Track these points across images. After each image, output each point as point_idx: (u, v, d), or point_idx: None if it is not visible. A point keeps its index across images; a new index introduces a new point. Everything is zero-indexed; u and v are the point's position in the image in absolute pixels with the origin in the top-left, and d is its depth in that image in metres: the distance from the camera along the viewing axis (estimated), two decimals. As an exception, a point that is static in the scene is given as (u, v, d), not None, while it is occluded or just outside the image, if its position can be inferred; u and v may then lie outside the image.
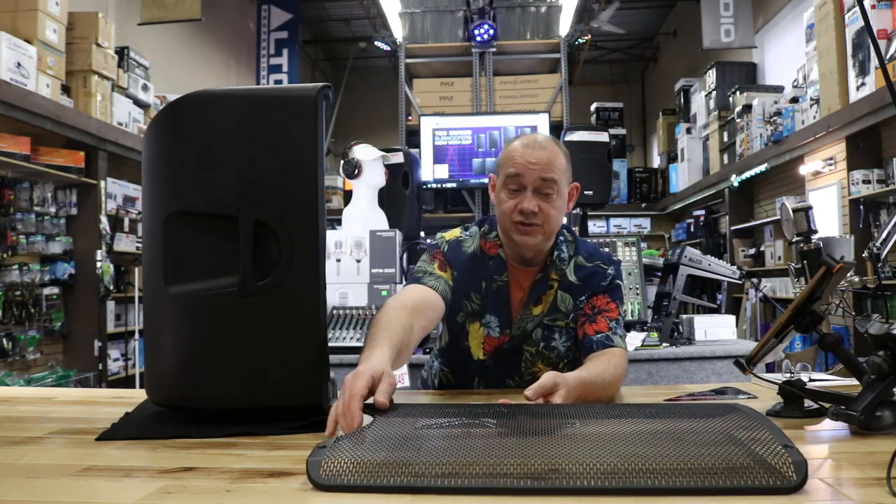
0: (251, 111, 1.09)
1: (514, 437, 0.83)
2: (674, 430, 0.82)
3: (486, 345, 1.56)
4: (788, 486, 0.68)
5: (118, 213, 5.12)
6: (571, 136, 3.99)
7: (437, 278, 1.50)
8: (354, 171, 2.97)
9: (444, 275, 1.52)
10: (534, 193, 1.45)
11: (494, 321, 1.54)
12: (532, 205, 1.43)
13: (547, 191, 1.45)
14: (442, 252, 1.57)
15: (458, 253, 1.57)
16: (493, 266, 1.55)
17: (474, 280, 1.55)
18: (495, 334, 1.55)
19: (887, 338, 0.95)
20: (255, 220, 1.04)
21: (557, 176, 1.44)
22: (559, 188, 1.46)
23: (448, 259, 1.55)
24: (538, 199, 1.44)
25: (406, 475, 0.72)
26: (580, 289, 1.54)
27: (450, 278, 1.53)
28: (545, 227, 1.46)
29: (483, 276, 1.55)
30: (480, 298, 1.55)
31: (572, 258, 1.56)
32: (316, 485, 0.74)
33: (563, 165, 1.47)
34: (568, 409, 1.02)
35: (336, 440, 0.81)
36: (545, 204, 1.45)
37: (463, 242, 1.59)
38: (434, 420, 0.92)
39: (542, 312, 1.54)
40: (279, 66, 8.89)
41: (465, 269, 1.55)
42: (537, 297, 1.54)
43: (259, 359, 1.05)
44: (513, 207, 1.46)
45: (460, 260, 1.56)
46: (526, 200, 1.44)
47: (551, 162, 1.44)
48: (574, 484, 0.70)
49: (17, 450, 0.97)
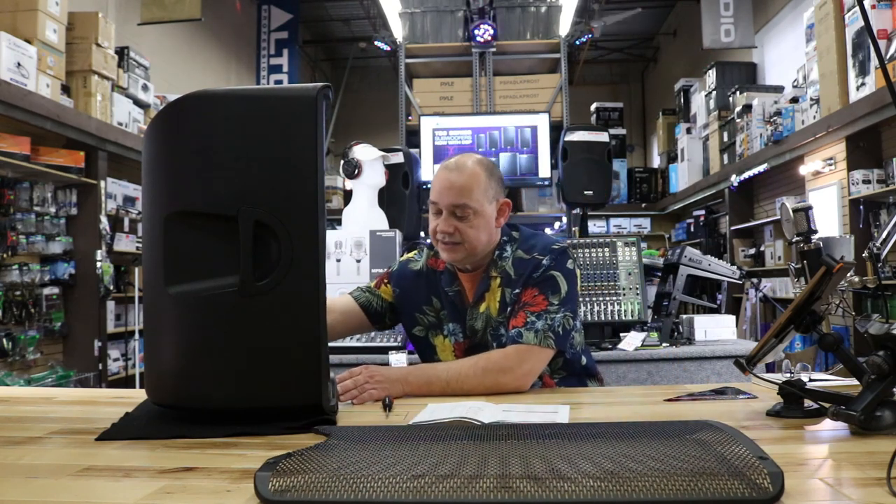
0: (251, 111, 1.09)
1: (471, 452, 0.81)
2: (647, 446, 0.81)
3: (456, 352, 1.64)
4: (765, 497, 0.68)
5: (118, 213, 5.12)
6: (571, 136, 3.99)
7: (364, 291, 1.73)
8: (354, 171, 2.97)
9: (380, 290, 1.73)
10: (450, 216, 1.55)
11: (457, 328, 1.64)
12: (447, 227, 1.55)
13: (461, 214, 1.54)
14: (389, 272, 1.77)
15: (405, 272, 1.74)
16: (445, 279, 1.67)
17: (422, 295, 1.69)
18: (460, 340, 1.64)
19: (887, 338, 0.95)
20: (255, 220, 1.04)
21: (471, 200, 1.54)
22: (476, 210, 1.54)
23: (392, 277, 1.74)
24: (454, 221, 1.55)
25: (358, 490, 0.70)
26: (515, 282, 1.58)
27: (388, 294, 1.72)
28: (466, 246, 1.56)
29: (433, 290, 1.68)
30: (436, 311, 1.67)
31: (514, 253, 1.61)
32: (263, 500, 0.71)
33: (482, 188, 1.56)
34: (541, 428, 0.98)
35: (287, 455, 0.80)
36: (462, 225, 1.55)
37: (410, 262, 1.75)
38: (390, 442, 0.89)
39: (488, 310, 1.60)
40: (279, 66, 8.90)
41: (411, 285, 1.71)
42: (480, 295, 1.61)
43: (259, 359, 1.05)
44: (434, 228, 1.58)
45: (405, 278, 1.73)
46: (442, 223, 1.55)
47: (465, 186, 1.54)
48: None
49: (17, 450, 0.97)
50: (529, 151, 4.85)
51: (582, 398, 1.41)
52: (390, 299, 1.73)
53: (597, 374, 1.76)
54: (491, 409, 1.15)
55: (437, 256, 1.68)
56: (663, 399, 1.29)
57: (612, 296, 2.82)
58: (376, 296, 1.73)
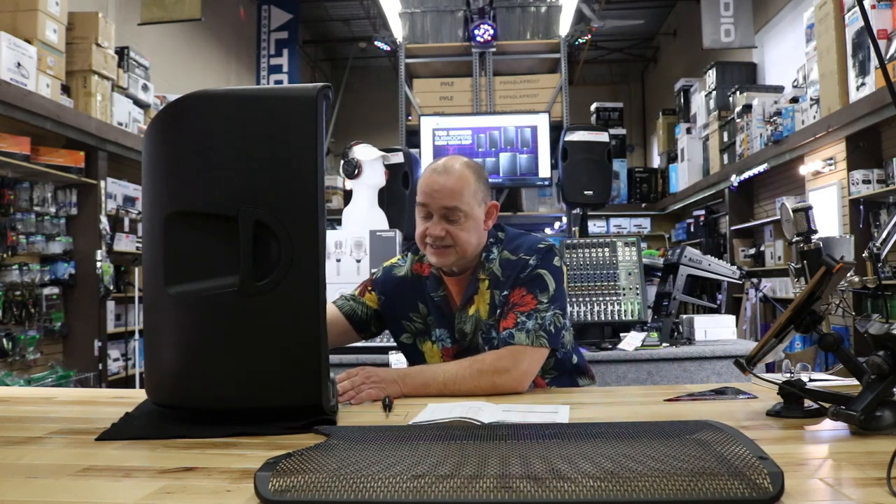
0: (251, 111, 1.09)
1: (471, 452, 0.81)
2: (647, 446, 0.81)
3: (444, 358, 1.62)
4: (765, 497, 0.68)
5: (118, 213, 5.12)
6: (571, 136, 4.00)
7: (347, 299, 1.69)
8: (354, 171, 2.97)
9: (364, 298, 1.69)
10: (440, 219, 1.53)
11: (445, 333, 1.62)
12: (438, 230, 1.52)
13: (452, 217, 1.52)
14: (373, 279, 1.73)
15: (389, 277, 1.70)
16: (430, 284, 1.64)
17: (408, 301, 1.65)
18: (448, 345, 1.62)
19: (887, 338, 0.95)
20: (256, 220, 1.04)
21: (462, 203, 1.52)
22: (466, 212, 1.52)
23: (376, 284, 1.70)
24: (445, 224, 1.52)
25: (358, 490, 0.70)
26: (503, 283, 1.57)
27: (372, 302, 1.68)
28: (457, 249, 1.53)
29: (419, 296, 1.65)
30: (422, 317, 1.64)
31: (500, 255, 1.60)
32: (263, 500, 0.71)
33: (471, 190, 1.54)
34: (541, 428, 0.98)
35: (287, 455, 0.80)
36: (452, 228, 1.52)
37: (395, 268, 1.71)
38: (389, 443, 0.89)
39: (478, 312, 1.58)
40: (279, 66, 8.90)
41: (395, 292, 1.67)
42: (469, 298, 1.60)
43: (258, 359, 1.05)
44: (423, 232, 1.55)
45: (389, 284, 1.68)
46: (432, 226, 1.53)
47: (455, 189, 1.52)
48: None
49: (17, 450, 0.97)
50: (529, 151, 4.85)
51: (582, 398, 1.41)
52: (375, 306, 1.68)
53: (588, 370, 1.74)
54: (491, 410, 1.15)
55: (422, 261, 1.66)
56: (663, 399, 1.29)
57: (612, 296, 2.82)
58: (360, 303, 1.68)
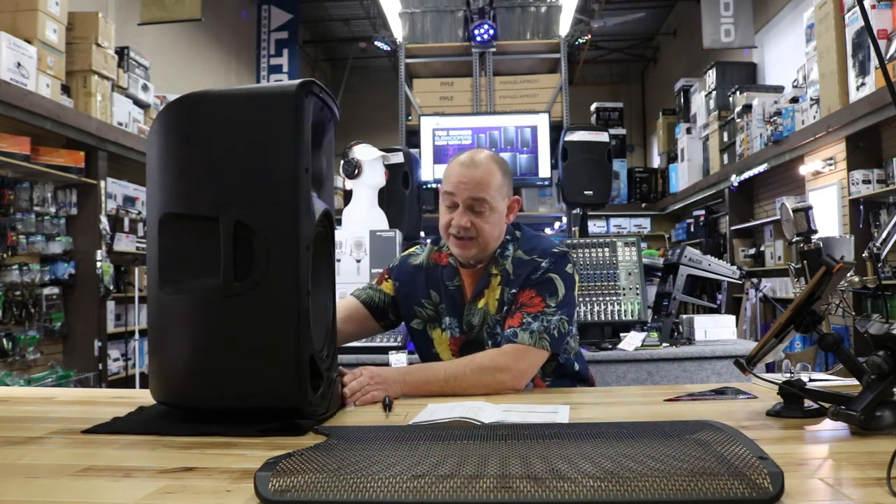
0: (234, 111, 1.09)
1: (471, 452, 0.81)
2: (647, 446, 0.81)
3: (451, 346, 1.65)
4: (765, 497, 0.68)
5: (118, 213, 5.12)
6: (571, 136, 3.99)
7: (366, 289, 1.74)
8: (354, 171, 2.97)
9: (381, 286, 1.73)
10: (466, 210, 1.54)
11: (454, 322, 1.65)
12: (464, 221, 1.54)
13: (478, 209, 1.54)
14: (390, 268, 1.77)
15: (405, 265, 1.74)
16: (446, 273, 1.66)
17: (421, 289, 1.69)
18: (456, 335, 1.65)
19: (887, 338, 0.95)
20: (237, 221, 1.04)
21: (489, 195, 1.54)
22: (491, 205, 1.54)
23: (392, 272, 1.75)
24: (470, 216, 1.54)
25: (358, 490, 0.70)
26: (513, 281, 1.58)
27: (389, 289, 1.73)
28: (479, 241, 1.56)
29: (432, 284, 1.68)
30: (434, 305, 1.67)
31: (514, 253, 1.61)
32: (263, 500, 0.71)
33: (497, 183, 1.55)
34: (541, 428, 0.98)
35: (287, 455, 0.80)
36: (478, 220, 1.54)
37: (412, 256, 1.76)
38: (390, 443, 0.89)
39: (487, 306, 1.60)
40: (279, 66, 8.89)
41: (410, 279, 1.71)
42: (479, 291, 1.62)
43: (239, 359, 1.05)
44: (448, 222, 1.57)
45: (405, 271, 1.73)
46: (458, 216, 1.54)
47: (483, 181, 1.53)
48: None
49: (17, 450, 0.97)
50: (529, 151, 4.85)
51: (582, 398, 1.41)
52: (392, 293, 1.73)
53: (589, 378, 1.76)
54: (491, 409, 1.15)
55: (441, 251, 1.69)
56: (663, 399, 1.29)
57: (612, 296, 2.82)
58: (378, 291, 1.73)
